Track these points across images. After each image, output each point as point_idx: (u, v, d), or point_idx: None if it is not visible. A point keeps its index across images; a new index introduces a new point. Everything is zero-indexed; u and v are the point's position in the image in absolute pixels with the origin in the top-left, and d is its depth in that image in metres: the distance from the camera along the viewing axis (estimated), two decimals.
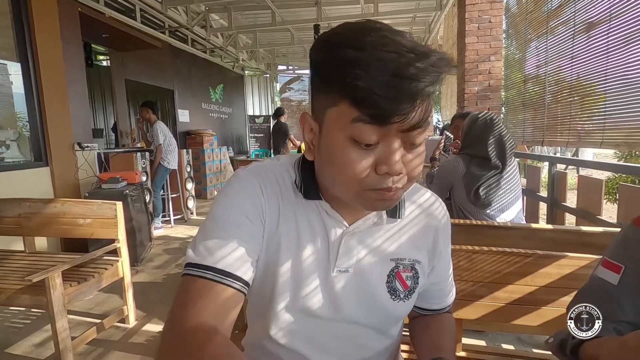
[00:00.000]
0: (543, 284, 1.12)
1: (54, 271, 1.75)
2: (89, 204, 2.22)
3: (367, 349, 0.68)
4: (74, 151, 3.55)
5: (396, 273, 0.64)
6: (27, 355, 1.96)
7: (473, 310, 1.18)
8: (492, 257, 1.16)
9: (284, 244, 0.61)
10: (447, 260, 0.73)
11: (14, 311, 2.43)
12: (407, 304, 0.67)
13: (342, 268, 0.62)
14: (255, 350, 0.71)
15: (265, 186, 0.60)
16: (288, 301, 0.62)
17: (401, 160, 0.50)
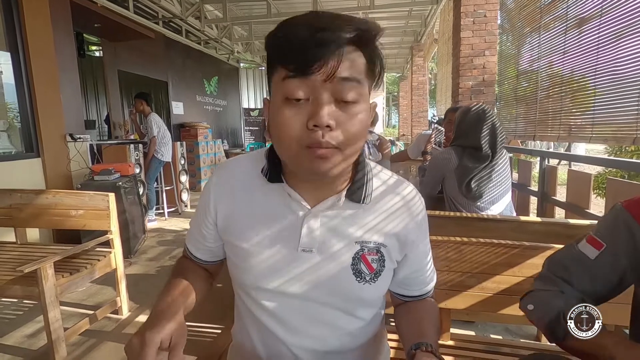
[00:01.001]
0: (530, 275, 1.15)
1: (45, 262, 1.74)
2: (82, 195, 2.20)
3: (339, 330, 0.70)
4: (65, 142, 3.52)
5: (361, 256, 0.66)
6: (19, 346, 1.96)
7: (462, 300, 1.20)
8: (481, 248, 1.18)
9: (247, 231, 0.67)
10: (424, 251, 0.73)
11: (5, 302, 2.42)
12: (375, 287, 0.67)
13: (306, 248, 0.65)
14: (241, 330, 0.76)
15: (219, 188, 0.70)
16: (257, 280, 0.67)
17: (332, 116, 0.52)
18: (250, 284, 0.68)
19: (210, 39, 7.08)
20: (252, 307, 0.70)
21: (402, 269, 0.72)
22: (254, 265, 0.66)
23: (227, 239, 0.70)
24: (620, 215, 0.70)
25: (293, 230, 0.65)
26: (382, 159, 2.70)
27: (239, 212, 0.68)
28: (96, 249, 2.21)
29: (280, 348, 0.69)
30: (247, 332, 0.73)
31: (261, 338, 0.71)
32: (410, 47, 9.01)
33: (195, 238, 0.76)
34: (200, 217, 0.73)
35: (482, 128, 1.74)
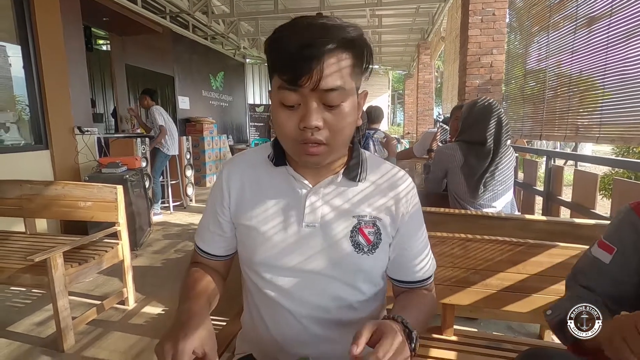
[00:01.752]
0: (534, 272, 1.16)
1: (55, 252, 1.77)
2: (90, 187, 2.23)
3: (342, 301, 0.74)
4: (74, 135, 3.56)
5: (358, 229, 0.72)
6: (28, 334, 2.00)
7: (465, 296, 1.21)
8: (485, 245, 1.19)
9: (256, 209, 0.73)
10: (416, 230, 0.76)
11: (14, 291, 2.47)
12: (373, 258, 0.72)
13: (310, 223, 0.71)
14: (250, 310, 0.82)
15: (230, 173, 0.76)
16: (266, 257, 0.72)
17: (320, 118, 0.60)
18: (259, 261, 0.73)
19: (217, 34, 7.10)
20: (261, 284, 0.75)
21: (397, 247, 0.75)
22: (262, 243, 0.72)
23: (237, 221, 0.76)
24: (626, 216, 0.70)
25: (297, 208, 0.72)
26: (388, 156, 2.71)
27: (248, 193, 0.75)
28: (104, 240, 2.24)
29: (288, 319, 0.74)
30: (257, 310, 0.78)
31: (270, 312, 0.76)
32: (416, 44, 8.96)
33: (208, 232, 0.80)
34: (215, 206, 0.78)
35: (488, 121, 1.74)
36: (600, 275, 0.72)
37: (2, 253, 2.08)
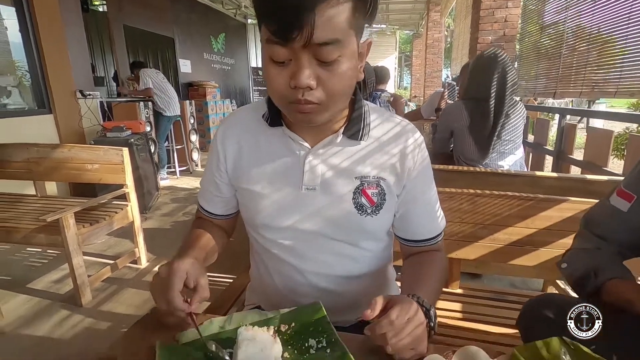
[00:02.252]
0: (543, 227, 1.15)
1: (66, 212, 1.81)
2: (96, 149, 2.23)
3: (346, 258, 0.74)
4: (76, 99, 3.52)
5: (361, 190, 0.69)
6: (47, 290, 2.09)
7: (472, 250, 1.22)
8: (495, 200, 1.18)
9: (254, 172, 0.71)
10: (424, 186, 0.73)
11: (31, 251, 2.56)
12: (376, 219, 0.70)
13: (310, 186, 0.69)
14: (257, 266, 0.83)
15: (225, 136, 0.73)
16: (266, 219, 0.71)
17: (313, 76, 0.53)
18: (260, 224, 0.73)
19: None
20: (264, 243, 0.76)
21: (403, 204, 0.72)
22: (262, 206, 0.71)
23: (237, 185, 0.75)
24: None
25: (296, 170, 0.69)
26: None
27: (245, 157, 0.72)
28: (113, 202, 2.27)
29: (294, 275, 0.75)
30: (264, 265, 0.79)
31: (276, 268, 0.77)
32: (426, 1, 8.50)
33: (208, 192, 0.79)
34: (212, 168, 0.76)
35: (493, 73, 1.66)
36: (617, 224, 0.71)
37: (16, 215, 2.12)
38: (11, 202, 2.31)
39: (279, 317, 0.62)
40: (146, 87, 4.18)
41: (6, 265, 2.37)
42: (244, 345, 0.50)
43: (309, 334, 0.58)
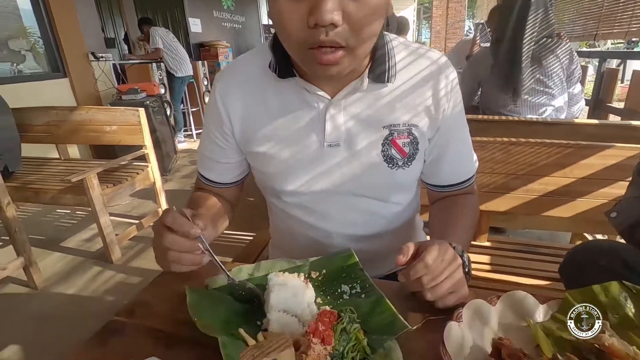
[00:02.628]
0: (582, 176, 1.08)
1: (90, 173, 1.83)
2: (113, 110, 2.22)
3: (374, 215, 0.70)
4: (89, 61, 3.47)
5: (391, 141, 0.62)
6: (78, 249, 2.18)
7: (502, 202, 1.16)
8: (530, 148, 1.10)
9: (266, 133, 0.63)
10: (458, 127, 0.66)
11: (60, 213, 2.65)
12: (408, 171, 0.64)
13: (333, 142, 0.61)
14: (278, 226, 0.78)
15: (225, 93, 0.63)
16: (285, 183, 0.65)
17: (338, 9, 0.43)
18: (278, 188, 0.66)
19: None
20: (286, 208, 0.71)
21: (436, 149, 0.66)
22: (278, 170, 0.64)
23: (247, 150, 0.66)
24: None
25: (315, 126, 0.61)
26: None
27: (254, 116, 0.63)
28: (134, 164, 2.29)
29: (319, 237, 0.71)
30: (286, 228, 0.75)
31: (298, 229, 0.72)
32: None
33: (209, 159, 0.71)
34: (214, 131, 0.67)
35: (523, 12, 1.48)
36: None
37: (43, 177, 2.18)
38: (37, 166, 2.37)
39: (308, 264, 0.60)
40: (156, 48, 4.08)
41: (39, 226, 2.48)
42: (275, 289, 0.48)
43: (341, 280, 0.56)
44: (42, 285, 1.83)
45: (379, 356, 0.41)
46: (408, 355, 0.41)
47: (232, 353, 0.40)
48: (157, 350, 0.46)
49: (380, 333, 0.44)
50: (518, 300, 0.48)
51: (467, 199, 0.70)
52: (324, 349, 0.40)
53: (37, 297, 1.77)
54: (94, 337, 0.49)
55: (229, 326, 0.46)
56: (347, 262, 0.58)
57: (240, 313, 0.50)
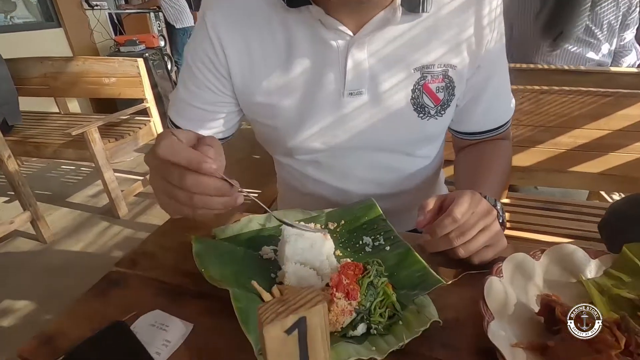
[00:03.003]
0: (618, 128, 0.99)
1: (90, 126, 1.77)
2: (110, 61, 2.11)
3: (397, 172, 0.63)
4: (83, 10, 3.28)
5: (423, 85, 0.52)
6: (85, 204, 2.17)
7: (527, 156, 1.09)
8: (563, 98, 1.01)
9: (273, 78, 0.52)
10: (500, 63, 0.57)
11: (65, 168, 2.62)
12: (440, 121, 0.56)
13: (354, 89, 0.52)
14: (286, 184, 0.70)
15: (221, 21, 0.50)
16: (296, 140, 0.56)
17: None
18: (290, 147, 0.57)
19: None
20: (296, 166, 0.63)
21: (472, 90, 0.57)
22: (288, 123, 0.55)
23: (247, 99, 0.55)
24: None
25: (334, 70, 0.51)
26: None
27: (258, 57, 0.51)
28: (136, 118, 2.21)
29: (335, 198, 0.64)
30: (297, 185, 0.67)
31: (312, 189, 0.65)
32: None
33: (190, 107, 0.56)
34: (201, 71, 0.53)
35: None
36: None
37: (43, 131, 2.12)
38: (37, 120, 2.30)
39: (324, 215, 0.54)
40: None
41: (45, 182, 2.46)
42: (292, 240, 0.43)
43: (362, 231, 0.50)
44: (50, 240, 1.83)
45: (410, 313, 0.36)
46: (441, 312, 0.36)
47: (245, 307, 0.35)
48: (161, 303, 0.41)
49: (409, 288, 0.40)
50: (566, 254, 0.42)
51: (501, 144, 0.63)
52: (348, 305, 0.36)
53: (47, 250, 1.78)
54: (93, 289, 0.45)
55: (239, 278, 0.42)
56: (368, 212, 0.52)
57: (251, 265, 0.45)
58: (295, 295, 0.20)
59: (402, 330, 0.35)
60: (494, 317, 0.34)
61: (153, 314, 0.40)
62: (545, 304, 0.35)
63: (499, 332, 0.33)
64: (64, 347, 0.36)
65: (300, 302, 0.20)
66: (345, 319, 0.35)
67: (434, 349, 0.35)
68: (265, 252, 0.47)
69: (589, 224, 1.03)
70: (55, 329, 0.39)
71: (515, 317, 0.36)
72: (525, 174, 1.18)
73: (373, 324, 0.35)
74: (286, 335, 0.19)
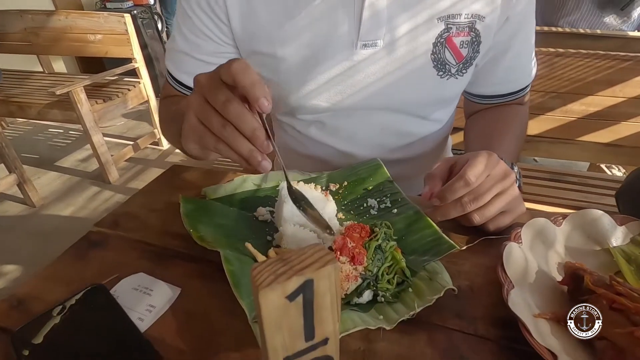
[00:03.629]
0: (633, 95, 0.94)
1: (75, 85, 1.67)
2: (95, 16, 1.97)
3: (408, 137, 0.58)
4: None
5: (446, 38, 0.47)
6: (75, 168, 2.11)
7: (534, 124, 1.04)
8: (579, 61, 0.95)
9: (278, 27, 0.46)
10: (530, 15, 0.51)
11: (53, 132, 2.53)
12: (460, 81, 0.51)
13: (369, 41, 0.46)
14: (284, 146, 0.64)
15: None
16: (300, 97, 0.50)
17: None
18: (294, 103, 0.52)
19: None
20: (298, 126, 0.58)
21: (496, 47, 0.51)
22: (291, 77, 0.49)
23: (248, 48, 0.50)
24: None
25: (347, 17, 0.45)
26: None
27: (261, 3, 0.46)
28: (125, 79, 2.11)
29: (338, 161, 0.59)
30: (298, 147, 0.62)
31: (314, 151, 0.60)
32: None
33: (187, 57, 0.51)
34: (198, 16, 0.48)
35: None
36: None
37: (27, 91, 2.01)
38: (20, 79, 2.18)
39: (325, 176, 0.50)
40: None
41: (32, 145, 2.38)
42: (290, 200, 0.39)
43: (367, 193, 0.46)
44: (39, 204, 1.78)
45: (420, 280, 0.33)
46: (453, 280, 0.32)
47: (238, 270, 0.32)
48: (145, 266, 0.38)
49: (419, 254, 0.36)
50: (590, 220, 0.39)
51: (518, 109, 0.58)
52: (353, 270, 0.32)
53: (35, 215, 1.74)
54: (70, 249, 0.41)
55: (231, 240, 0.38)
56: (373, 173, 0.48)
57: (245, 226, 0.41)
58: (300, 254, 0.16)
59: (413, 299, 0.31)
60: (514, 286, 0.31)
61: (136, 277, 0.36)
62: (571, 273, 0.32)
63: (519, 301, 0.30)
64: (37, 312, 0.33)
65: (306, 262, 0.16)
66: (350, 285, 0.32)
67: (448, 319, 0.31)
68: (261, 213, 0.43)
69: (594, 195, 1.00)
70: (27, 292, 0.36)
71: (536, 286, 0.33)
72: (528, 144, 1.13)
73: (380, 290, 0.32)
74: (288, 301, 0.15)
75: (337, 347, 0.19)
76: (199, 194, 0.47)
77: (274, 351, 0.17)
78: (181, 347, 0.30)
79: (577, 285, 0.31)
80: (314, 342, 0.17)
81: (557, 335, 0.28)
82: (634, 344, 0.25)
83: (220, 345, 0.30)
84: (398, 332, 0.30)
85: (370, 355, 0.29)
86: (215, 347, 0.30)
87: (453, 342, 0.30)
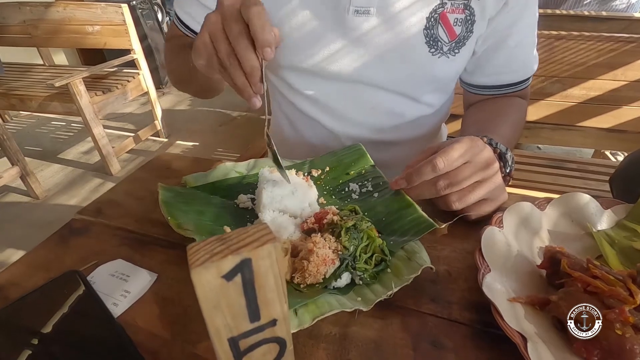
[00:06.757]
0: (636, 78, 0.92)
1: (73, 77, 1.67)
2: (92, 6, 1.96)
3: (399, 118, 0.57)
4: None
5: (440, 14, 0.46)
6: (77, 160, 2.13)
7: (535, 110, 1.02)
8: (581, 44, 0.92)
9: None
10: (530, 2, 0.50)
11: (56, 124, 2.55)
12: (452, 62, 0.50)
13: (361, 8, 0.46)
14: (280, 123, 0.64)
15: None
16: (292, 56, 0.51)
17: None
18: (287, 65, 0.52)
19: None
20: (289, 94, 0.57)
21: (495, 33, 0.50)
22: (289, 41, 0.49)
23: None
24: None
25: None
26: None
27: None
28: (124, 71, 2.11)
29: (330, 140, 0.59)
30: (291, 126, 0.62)
31: (307, 130, 0.60)
32: None
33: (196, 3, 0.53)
34: None
35: None
36: None
37: (27, 84, 2.02)
38: (21, 72, 2.19)
39: (307, 162, 0.49)
40: None
41: (35, 138, 2.40)
42: (269, 186, 0.39)
43: (348, 178, 0.45)
44: (43, 196, 1.80)
45: (399, 260, 0.33)
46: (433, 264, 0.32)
47: None
48: (125, 253, 0.38)
49: (399, 234, 0.35)
50: (577, 205, 0.38)
51: (516, 100, 0.57)
52: (331, 253, 0.32)
53: (39, 206, 1.76)
54: (51, 237, 0.41)
55: (210, 227, 0.37)
56: (356, 159, 0.47)
57: (225, 214, 0.41)
58: (240, 233, 0.16)
59: (391, 279, 0.31)
60: (490, 270, 0.31)
61: (114, 264, 0.36)
62: (549, 257, 0.31)
63: (495, 285, 0.29)
64: (15, 298, 0.33)
65: (246, 241, 0.15)
66: (327, 269, 0.32)
67: (423, 303, 0.31)
68: (242, 200, 0.43)
69: (595, 182, 0.98)
70: (7, 278, 0.36)
71: (514, 270, 0.32)
72: (530, 131, 1.12)
73: (359, 271, 0.32)
74: (225, 281, 0.15)
75: (288, 329, 0.19)
76: (182, 180, 0.47)
77: (217, 331, 0.16)
78: (154, 332, 0.30)
79: (555, 269, 0.30)
80: (260, 323, 0.17)
81: (531, 319, 0.28)
82: (607, 327, 0.25)
83: (193, 331, 0.30)
84: (372, 317, 0.30)
85: (343, 339, 0.29)
86: (188, 333, 0.30)
87: (426, 326, 0.29)
